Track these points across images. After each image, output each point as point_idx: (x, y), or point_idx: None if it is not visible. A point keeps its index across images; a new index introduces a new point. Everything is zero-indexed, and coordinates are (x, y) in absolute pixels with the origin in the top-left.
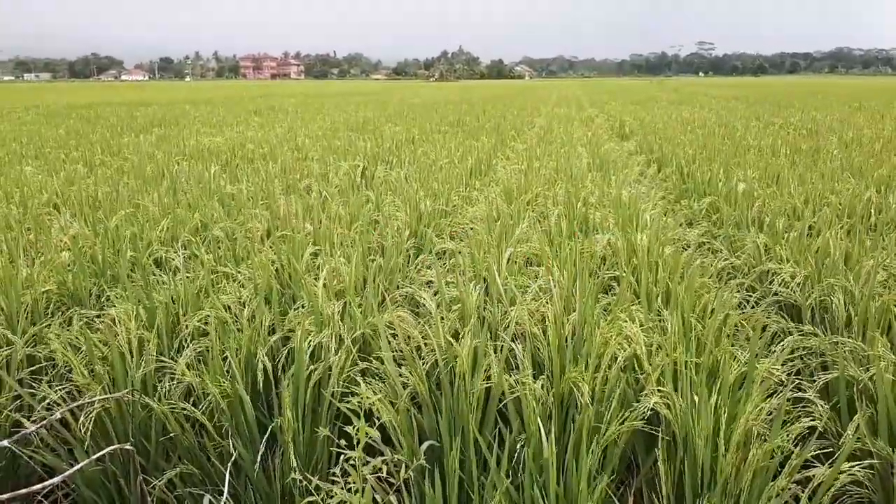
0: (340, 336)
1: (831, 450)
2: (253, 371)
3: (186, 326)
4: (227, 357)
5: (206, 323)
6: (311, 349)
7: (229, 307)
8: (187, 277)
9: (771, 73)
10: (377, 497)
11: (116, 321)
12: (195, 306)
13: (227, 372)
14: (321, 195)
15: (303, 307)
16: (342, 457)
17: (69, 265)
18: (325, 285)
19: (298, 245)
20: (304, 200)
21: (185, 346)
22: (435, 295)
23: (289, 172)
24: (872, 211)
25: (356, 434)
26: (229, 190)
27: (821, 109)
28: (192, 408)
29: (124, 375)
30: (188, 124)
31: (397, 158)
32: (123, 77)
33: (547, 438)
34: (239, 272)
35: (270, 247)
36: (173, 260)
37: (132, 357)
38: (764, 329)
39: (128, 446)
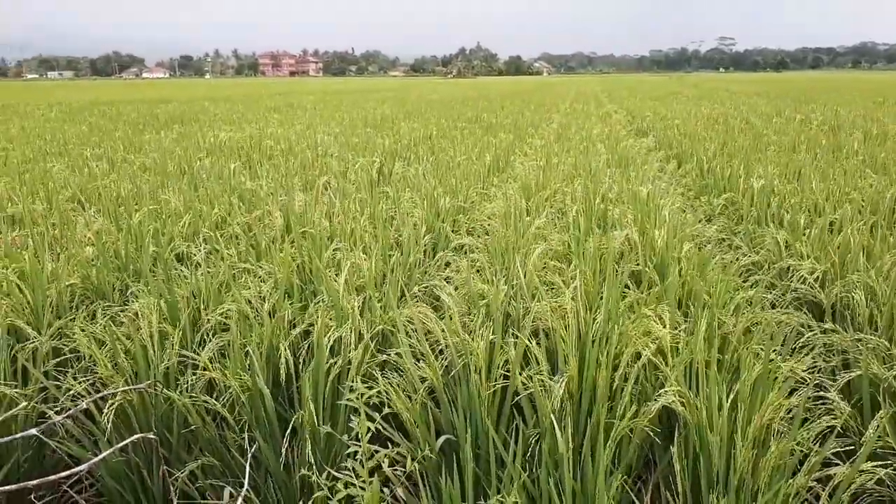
0: (360, 330)
1: (853, 448)
2: (273, 365)
3: (208, 320)
4: (247, 351)
5: (227, 317)
6: (330, 343)
7: (250, 301)
8: (208, 272)
9: (793, 69)
10: (397, 490)
11: (139, 315)
12: (216, 301)
13: (248, 366)
14: (339, 191)
15: (323, 302)
16: (346, 451)
17: (93, 260)
18: (345, 280)
19: (318, 240)
20: (323, 196)
21: (207, 339)
22: (455, 290)
23: (308, 169)
24: None
25: (374, 426)
26: (249, 186)
27: (843, 105)
28: (214, 401)
29: (147, 368)
30: (208, 121)
31: (415, 155)
32: (144, 75)
33: (562, 434)
34: (260, 267)
35: (291, 242)
36: (195, 255)
37: (154, 350)
38: (786, 327)
39: (151, 435)
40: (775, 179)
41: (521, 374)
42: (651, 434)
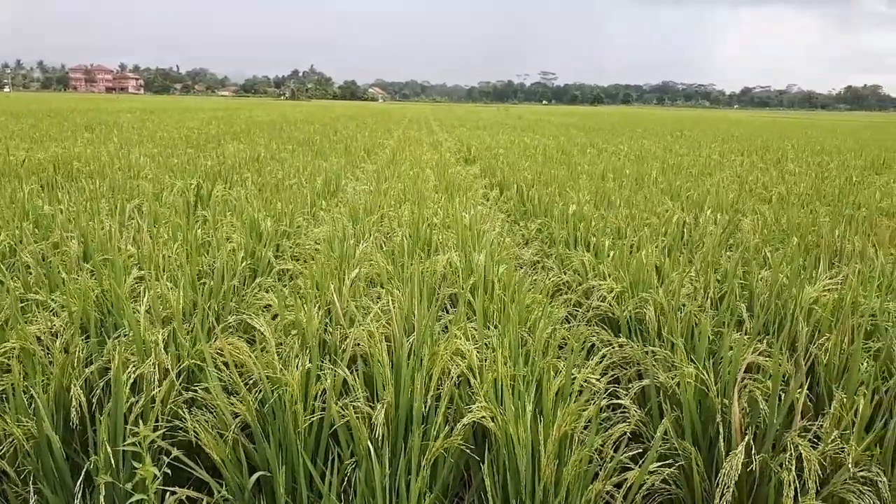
0: (165, 366)
1: (646, 451)
2: (66, 408)
3: None
4: (32, 394)
5: (9, 357)
6: (132, 380)
7: (39, 338)
8: None
9: (606, 103)
10: None
11: None
12: None
13: (33, 410)
14: (150, 215)
15: (124, 335)
16: (130, 499)
17: None
18: (148, 311)
19: (120, 269)
20: (130, 221)
21: None
22: (274, 319)
23: (118, 192)
24: (685, 230)
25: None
26: (47, 210)
27: (648, 138)
28: None
29: None
30: (3, 139)
31: (240, 177)
32: None
33: (379, 460)
34: (52, 300)
35: (90, 271)
36: None
37: None
38: (585, 341)
39: None
40: (586, 205)
41: (338, 403)
42: (467, 452)
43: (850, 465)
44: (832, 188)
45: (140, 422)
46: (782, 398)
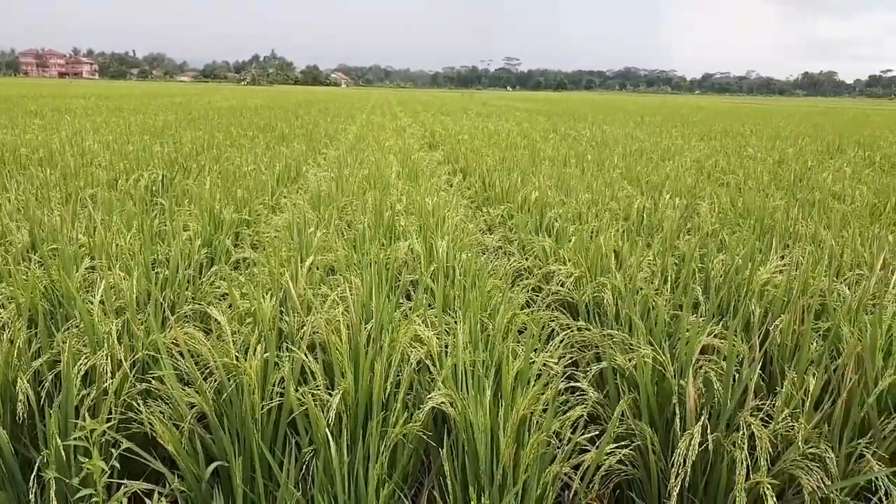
0: (119, 357)
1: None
2: (13, 401)
3: None
4: None
5: None
6: (84, 372)
7: None
8: None
9: (570, 89)
10: None
11: None
12: None
13: None
14: (104, 204)
15: (75, 327)
16: (77, 494)
17: None
18: (101, 302)
19: (70, 259)
20: (83, 210)
21: None
22: (229, 308)
23: (70, 180)
24: (644, 214)
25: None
26: None
27: (610, 123)
28: None
29: None
30: None
31: (197, 164)
32: None
33: (337, 448)
34: None
35: (39, 262)
36: None
37: None
38: (544, 326)
39: None
40: (548, 191)
41: (297, 391)
42: (425, 438)
43: (799, 443)
44: (788, 172)
45: (87, 415)
46: (736, 379)
